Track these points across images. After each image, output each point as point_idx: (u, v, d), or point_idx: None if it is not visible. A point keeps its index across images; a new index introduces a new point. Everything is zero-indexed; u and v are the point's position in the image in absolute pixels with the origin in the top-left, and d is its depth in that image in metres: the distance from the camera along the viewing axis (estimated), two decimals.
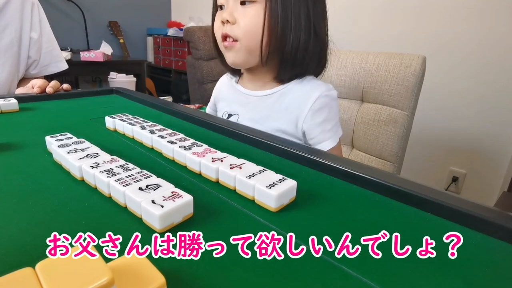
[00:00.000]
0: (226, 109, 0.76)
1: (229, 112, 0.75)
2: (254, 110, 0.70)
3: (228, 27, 0.61)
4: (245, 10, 0.60)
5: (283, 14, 0.58)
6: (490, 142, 1.58)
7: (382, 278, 0.26)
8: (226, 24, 0.61)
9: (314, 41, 0.61)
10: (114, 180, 0.34)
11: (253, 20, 0.59)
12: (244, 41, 0.61)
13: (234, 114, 0.73)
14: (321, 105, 0.64)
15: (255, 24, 0.59)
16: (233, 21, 0.60)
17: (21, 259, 0.26)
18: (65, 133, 0.48)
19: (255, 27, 0.59)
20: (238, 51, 0.63)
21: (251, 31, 0.60)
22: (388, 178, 0.40)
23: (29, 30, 1.01)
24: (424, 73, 0.96)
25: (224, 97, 0.78)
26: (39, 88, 0.80)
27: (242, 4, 0.60)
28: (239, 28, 0.60)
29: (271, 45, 0.61)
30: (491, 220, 0.32)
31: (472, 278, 0.26)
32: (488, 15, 1.49)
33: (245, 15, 0.60)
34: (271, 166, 0.41)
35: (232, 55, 0.64)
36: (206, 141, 0.49)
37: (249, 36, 0.60)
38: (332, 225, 0.33)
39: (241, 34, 0.61)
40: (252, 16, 0.59)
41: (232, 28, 0.61)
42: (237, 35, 0.61)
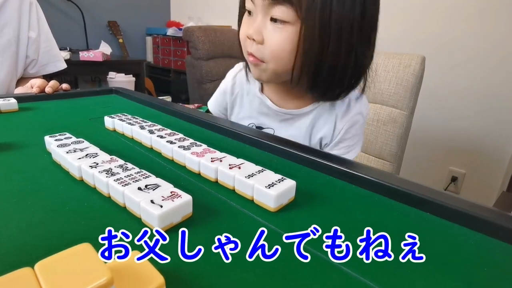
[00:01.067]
0: (252, 121, 0.68)
1: (257, 124, 0.68)
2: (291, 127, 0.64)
3: (254, 46, 0.53)
4: (275, 29, 0.51)
5: (319, 39, 0.49)
6: (490, 142, 1.58)
7: (382, 278, 0.26)
8: (252, 41, 0.54)
9: (353, 67, 0.54)
10: (113, 180, 0.34)
11: (283, 44, 0.51)
12: (271, 65, 0.54)
13: (267, 128, 0.67)
14: (353, 122, 0.63)
15: (285, 49, 0.51)
16: (260, 41, 0.52)
17: (21, 259, 0.26)
18: (64, 133, 0.48)
19: (285, 53, 0.51)
20: (264, 71, 0.56)
21: (279, 56, 0.52)
22: (387, 178, 0.40)
23: (27, 29, 1.01)
24: (423, 73, 0.96)
25: (248, 106, 0.70)
26: (38, 88, 0.80)
27: (272, 21, 0.51)
28: (266, 50, 0.52)
29: (304, 68, 0.53)
30: (491, 220, 0.32)
31: (471, 278, 0.26)
32: (488, 15, 1.49)
33: (274, 37, 0.51)
34: (270, 166, 0.41)
35: (257, 72, 0.57)
36: (205, 141, 0.49)
37: (277, 61, 0.53)
38: (331, 225, 0.33)
39: (268, 57, 0.53)
40: (282, 39, 0.51)
41: (259, 48, 0.53)
42: (264, 57, 0.54)
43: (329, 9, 0.47)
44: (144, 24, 3.27)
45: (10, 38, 0.97)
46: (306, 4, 0.46)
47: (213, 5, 2.91)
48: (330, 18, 0.47)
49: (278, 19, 0.49)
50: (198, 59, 2.30)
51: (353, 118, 0.63)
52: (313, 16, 0.47)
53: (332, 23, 0.48)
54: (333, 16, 0.47)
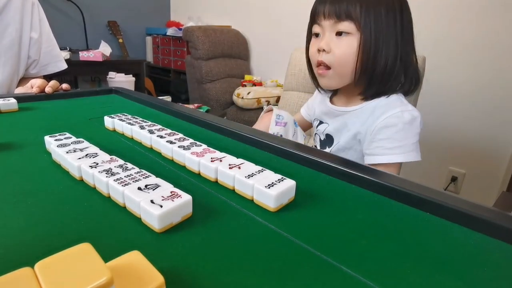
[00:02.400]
0: (317, 117, 0.84)
1: (320, 119, 0.83)
2: (339, 121, 0.77)
3: (324, 55, 0.67)
4: (340, 40, 0.65)
5: (374, 45, 0.63)
6: (489, 142, 1.58)
7: (382, 278, 0.26)
8: (321, 52, 0.67)
9: (399, 65, 0.66)
10: (113, 180, 0.34)
11: (347, 50, 0.65)
12: (337, 69, 0.67)
13: (325, 123, 0.81)
14: (387, 124, 0.66)
15: (349, 54, 0.65)
16: (328, 50, 0.66)
17: (20, 259, 0.26)
18: (64, 133, 0.48)
19: (348, 57, 0.65)
20: (330, 78, 0.69)
21: (344, 60, 0.66)
22: (387, 178, 0.40)
23: (29, 30, 1.01)
24: (423, 73, 0.96)
25: (316, 106, 0.86)
26: (38, 88, 0.80)
27: (337, 35, 0.65)
28: (333, 57, 0.66)
29: (361, 70, 0.66)
30: (490, 220, 0.32)
31: (471, 278, 0.26)
32: (488, 15, 1.49)
33: (340, 46, 0.65)
34: (270, 166, 0.41)
35: (325, 81, 0.71)
36: (205, 140, 0.49)
37: (342, 65, 0.66)
38: (331, 225, 0.33)
39: (334, 62, 0.66)
40: (346, 46, 0.64)
41: (327, 57, 0.67)
42: (331, 63, 0.67)
43: (380, 22, 0.62)
44: (144, 24, 3.27)
45: (12, 39, 0.97)
46: (363, 19, 0.62)
47: (213, 5, 2.91)
48: (382, 29, 0.62)
49: (343, 31, 0.64)
50: (198, 59, 2.30)
51: (388, 119, 0.66)
52: (369, 27, 0.62)
53: (383, 33, 0.63)
54: (384, 27, 0.62)
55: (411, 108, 0.67)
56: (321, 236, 0.31)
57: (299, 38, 1.80)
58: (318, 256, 0.28)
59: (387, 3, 0.62)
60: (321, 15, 0.66)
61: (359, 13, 0.62)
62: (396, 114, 0.65)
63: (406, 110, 0.66)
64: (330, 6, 0.64)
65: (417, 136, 0.67)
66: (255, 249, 0.28)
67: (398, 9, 0.64)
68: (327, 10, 0.65)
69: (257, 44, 2.60)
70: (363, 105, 0.71)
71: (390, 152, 0.66)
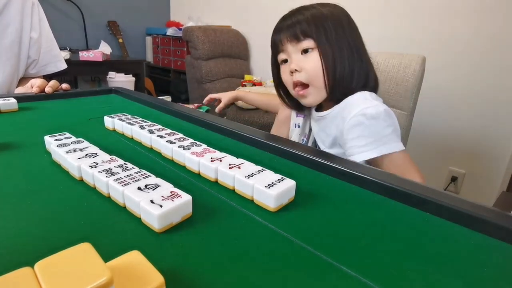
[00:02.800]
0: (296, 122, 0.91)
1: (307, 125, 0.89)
2: (319, 126, 0.82)
3: (297, 75, 0.72)
4: (307, 57, 0.71)
5: (332, 54, 0.70)
6: (489, 142, 1.58)
7: (382, 278, 0.26)
8: (295, 73, 0.72)
9: (358, 66, 0.72)
10: (113, 180, 0.34)
11: (316, 64, 0.70)
12: (314, 83, 0.72)
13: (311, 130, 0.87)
14: (353, 123, 0.68)
15: (318, 67, 0.70)
16: (300, 69, 0.71)
17: (20, 259, 0.26)
18: (64, 133, 0.48)
19: (318, 69, 0.70)
20: (311, 94, 0.74)
21: (315, 73, 0.71)
22: (387, 178, 0.40)
23: (29, 30, 1.01)
24: (423, 73, 0.96)
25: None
26: (38, 88, 0.80)
27: (303, 53, 0.72)
28: (306, 74, 0.71)
29: (329, 79, 0.71)
30: (490, 220, 0.32)
31: (471, 278, 0.26)
32: (488, 15, 1.49)
33: (308, 62, 0.71)
34: (270, 166, 0.41)
35: (307, 99, 0.75)
36: (205, 140, 0.49)
37: (316, 78, 0.71)
38: (331, 225, 0.33)
39: (309, 78, 0.71)
40: (313, 61, 0.70)
41: (301, 75, 0.72)
42: (307, 80, 0.72)
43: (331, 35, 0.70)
44: (144, 24, 3.27)
45: (13, 39, 0.97)
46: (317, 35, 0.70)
47: (213, 5, 2.91)
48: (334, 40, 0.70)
49: (307, 48, 0.71)
50: (198, 59, 2.30)
51: (353, 119, 0.68)
52: (323, 41, 0.70)
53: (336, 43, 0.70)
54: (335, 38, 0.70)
55: (375, 104, 0.69)
56: (321, 236, 0.31)
57: None
58: (318, 256, 0.28)
59: (332, 18, 0.71)
60: (284, 41, 0.73)
61: (313, 30, 0.69)
62: (359, 112, 0.67)
63: (369, 106, 0.68)
64: (287, 31, 0.72)
65: (389, 128, 0.68)
66: (255, 249, 0.28)
67: (344, 20, 0.72)
68: (286, 35, 0.72)
69: (257, 44, 2.59)
70: (334, 108, 0.75)
71: (364, 149, 0.67)
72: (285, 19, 0.73)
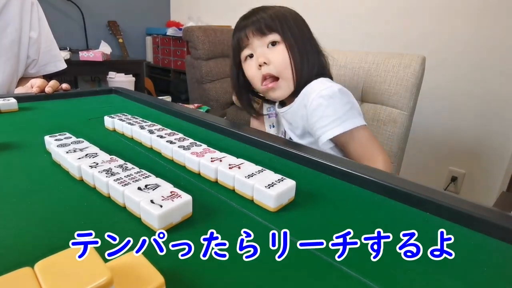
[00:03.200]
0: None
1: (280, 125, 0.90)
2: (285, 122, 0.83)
3: (266, 67, 0.73)
4: (274, 50, 0.72)
5: (298, 48, 0.72)
6: (489, 142, 1.58)
7: (382, 278, 0.26)
8: (263, 66, 0.73)
9: (318, 55, 0.76)
10: (113, 180, 0.34)
11: (284, 56, 0.72)
12: (283, 75, 0.73)
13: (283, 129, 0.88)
14: (314, 107, 0.70)
15: (286, 58, 0.72)
16: (268, 61, 0.72)
17: (20, 259, 0.26)
18: (64, 133, 0.48)
19: (287, 62, 0.72)
20: (280, 88, 0.75)
21: (284, 65, 0.72)
22: (387, 178, 0.40)
23: (28, 29, 1.01)
24: (423, 73, 0.96)
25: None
26: (38, 88, 0.80)
27: (269, 46, 0.73)
28: (274, 66, 0.72)
29: (296, 72, 0.73)
30: (491, 220, 0.32)
31: (471, 278, 0.26)
32: (488, 15, 1.49)
33: (276, 54, 0.72)
34: (270, 166, 0.41)
35: (277, 92, 0.76)
36: (205, 141, 0.49)
37: (285, 71, 0.73)
38: (331, 225, 0.33)
39: (279, 68, 0.73)
40: (281, 53, 0.72)
41: (270, 68, 0.73)
42: (276, 72, 0.73)
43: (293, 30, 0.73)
44: (144, 24, 3.26)
45: (12, 39, 0.97)
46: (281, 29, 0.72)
47: (213, 5, 2.91)
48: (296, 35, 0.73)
49: (274, 41, 0.72)
50: (198, 59, 2.30)
51: (312, 102, 0.71)
52: (288, 35, 0.72)
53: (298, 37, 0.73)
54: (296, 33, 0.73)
55: (329, 85, 0.71)
56: (321, 236, 0.31)
57: None
58: (318, 256, 0.28)
59: (291, 15, 0.74)
60: (249, 35, 0.74)
61: (277, 25, 0.72)
62: (316, 96, 0.70)
63: (324, 88, 0.71)
64: (253, 26, 0.73)
65: (347, 105, 0.71)
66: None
67: (299, 18, 0.76)
68: (252, 29, 0.73)
69: None
70: (295, 101, 0.76)
71: (328, 128, 0.69)
72: (247, 18, 0.75)
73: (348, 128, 0.68)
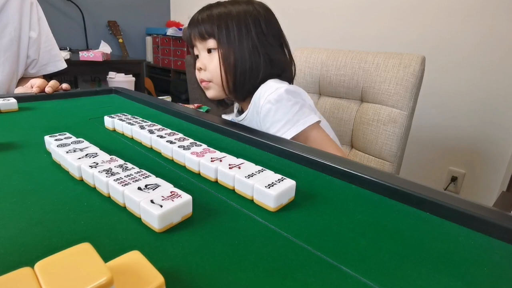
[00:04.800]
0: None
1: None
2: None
3: (202, 73, 0.78)
4: (211, 57, 0.75)
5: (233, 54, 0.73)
6: (489, 141, 1.58)
7: (382, 278, 0.26)
8: (201, 71, 0.78)
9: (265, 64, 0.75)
10: (113, 180, 0.34)
11: (216, 64, 0.74)
12: (215, 81, 0.77)
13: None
14: (264, 113, 0.72)
15: (217, 66, 0.74)
16: (204, 68, 0.77)
17: (20, 259, 0.26)
18: (64, 133, 0.48)
19: (218, 69, 0.74)
20: (212, 88, 0.79)
21: (216, 72, 0.75)
22: (387, 178, 0.40)
23: (28, 29, 1.01)
24: (423, 73, 0.96)
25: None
26: (38, 88, 0.80)
27: (208, 52, 0.76)
28: (209, 73, 0.76)
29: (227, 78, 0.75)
30: (491, 220, 0.32)
31: (471, 278, 0.26)
32: (488, 15, 1.49)
33: (211, 61, 0.75)
34: (270, 165, 0.41)
35: (209, 92, 0.80)
36: (205, 141, 0.49)
37: (217, 77, 0.75)
38: (331, 225, 0.33)
39: (210, 76, 0.76)
40: (216, 61, 0.74)
41: (205, 74, 0.77)
42: (208, 78, 0.77)
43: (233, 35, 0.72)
44: (144, 24, 3.27)
45: (12, 38, 0.97)
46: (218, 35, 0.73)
47: None
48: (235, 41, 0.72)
49: (210, 48, 0.75)
50: None
51: (262, 109, 0.72)
52: (224, 41, 0.72)
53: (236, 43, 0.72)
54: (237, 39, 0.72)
55: (275, 87, 0.72)
56: (321, 236, 0.31)
57: (299, 38, 1.80)
58: (318, 256, 0.28)
59: (238, 18, 0.72)
60: (192, 38, 0.77)
61: (215, 31, 0.72)
62: (265, 102, 0.71)
63: (270, 93, 0.71)
64: (194, 29, 0.75)
65: (295, 105, 0.71)
66: (255, 249, 0.28)
67: (252, 20, 0.73)
68: (194, 33, 0.76)
69: None
70: (248, 108, 0.78)
71: (281, 132, 0.70)
72: (194, 18, 0.76)
73: (301, 129, 0.69)
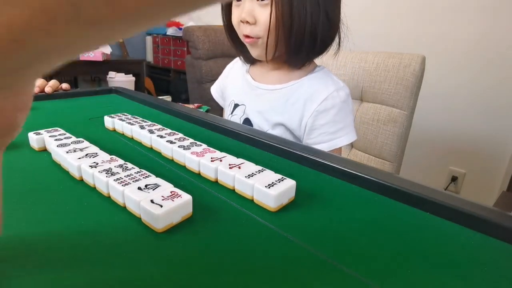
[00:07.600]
0: (233, 98, 0.77)
1: (236, 102, 0.76)
2: (261, 102, 0.70)
3: (248, 28, 0.63)
4: (263, 8, 0.61)
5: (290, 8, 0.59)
6: (490, 141, 1.58)
7: (382, 278, 0.26)
8: (245, 24, 0.63)
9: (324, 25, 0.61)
10: (113, 180, 0.34)
11: (270, 17, 0.60)
12: (265, 37, 0.62)
13: (241, 105, 0.73)
14: (326, 107, 0.63)
15: (273, 21, 0.60)
16: (253, 21, 0.61)
17: (20, 259, 0.26)
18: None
19: (273, 24, 0.61)
20: (259, 46, 0.64)
21: (271, 28, 0.61)
22: (387, 178, 0.40)
23: None
24: (423, 72, 0.96)
25: (234, 85, 0.79)
26: (38, 88, 0.80)
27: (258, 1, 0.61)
28: (259, 28, 0.62)
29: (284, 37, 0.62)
30: (491, 220, 0.32)
31: (471, 278, 0.26)
32: (487, 15, 1.49)
33: (263, 14, 0.61)
34: (270, 165, 0.41)
35: (255, 50, 0.66)
36: (205, 140, 0.49)
37: (270, 32, 0.62)
38: (331, 225, 0.33)
39: (262, 32, 0.62)
40: (268, 14, 0.60)
41: (253, 29, 0.62)
42: (258, 35, 0.63)
43: None
44: None
45: None
46: None
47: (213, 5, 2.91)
48: None
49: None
50: (198, 58, 2.30)
51: (326, 101, 0.62)
52: None
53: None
54: None
55: (342, 84, 0.65)
56: (321, 236, 0.31)
57: None
58: (318, 256, 0.28)
59: None
60: None
61: None
62: (332, 95, 0.62)
63: (340, 88, 0.64)
64: None
65: (352, 113, 0.65)
66: (255, 249, 0.28)
67: None
68: None
69: None
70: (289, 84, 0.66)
71: (334, 137, 0.63)
72: None
73: (352, 140, 0.63)
